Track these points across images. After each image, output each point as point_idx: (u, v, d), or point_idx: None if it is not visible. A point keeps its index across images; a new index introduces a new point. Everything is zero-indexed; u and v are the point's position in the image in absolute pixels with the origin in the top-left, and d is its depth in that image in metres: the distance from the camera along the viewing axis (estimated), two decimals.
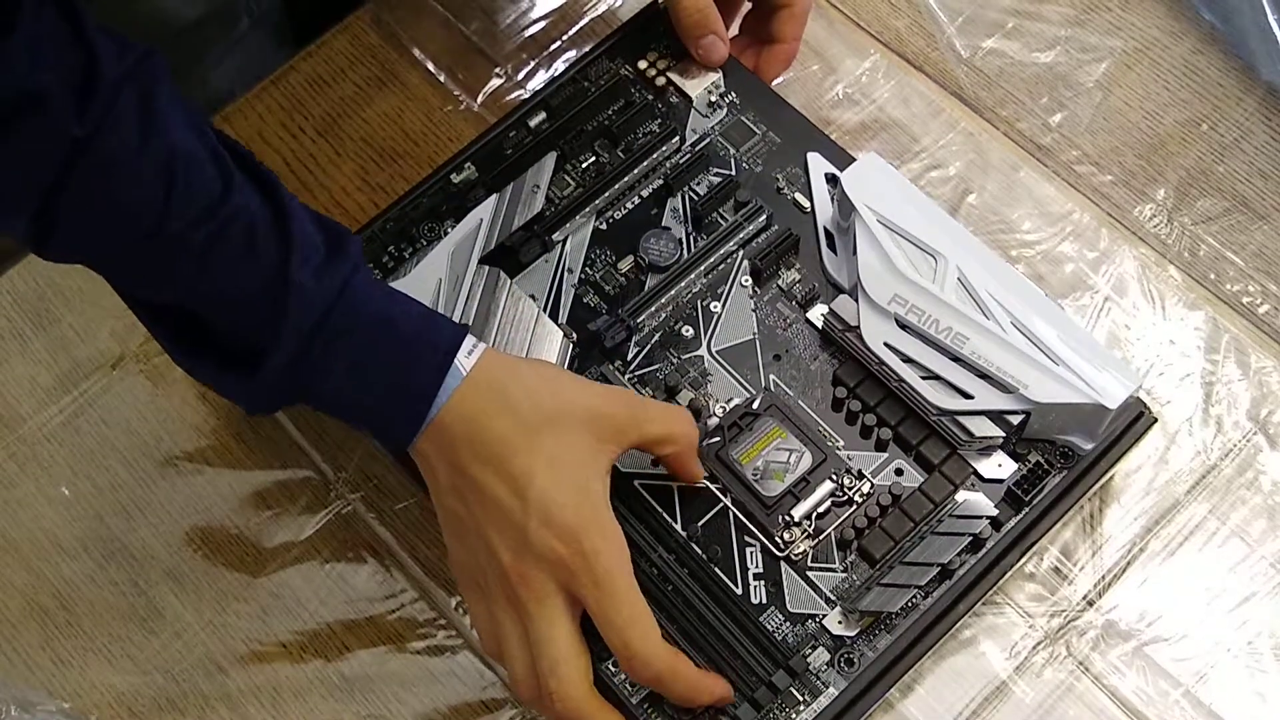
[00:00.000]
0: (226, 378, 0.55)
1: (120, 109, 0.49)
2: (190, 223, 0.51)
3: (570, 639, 0.53)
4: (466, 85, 0.75)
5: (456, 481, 0.54)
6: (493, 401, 0.54)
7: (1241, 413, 0.63)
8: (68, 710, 0.61)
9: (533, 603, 0.53)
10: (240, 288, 0.53)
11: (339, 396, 0.55)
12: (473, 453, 0.54)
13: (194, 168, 0.51)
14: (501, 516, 0.53)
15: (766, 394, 0.61)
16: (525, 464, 0.53)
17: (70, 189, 0.49)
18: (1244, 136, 0.70)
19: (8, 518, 0.66)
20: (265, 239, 0.53)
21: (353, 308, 0.54)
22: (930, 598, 0.57)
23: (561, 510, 0.53)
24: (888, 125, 0.72)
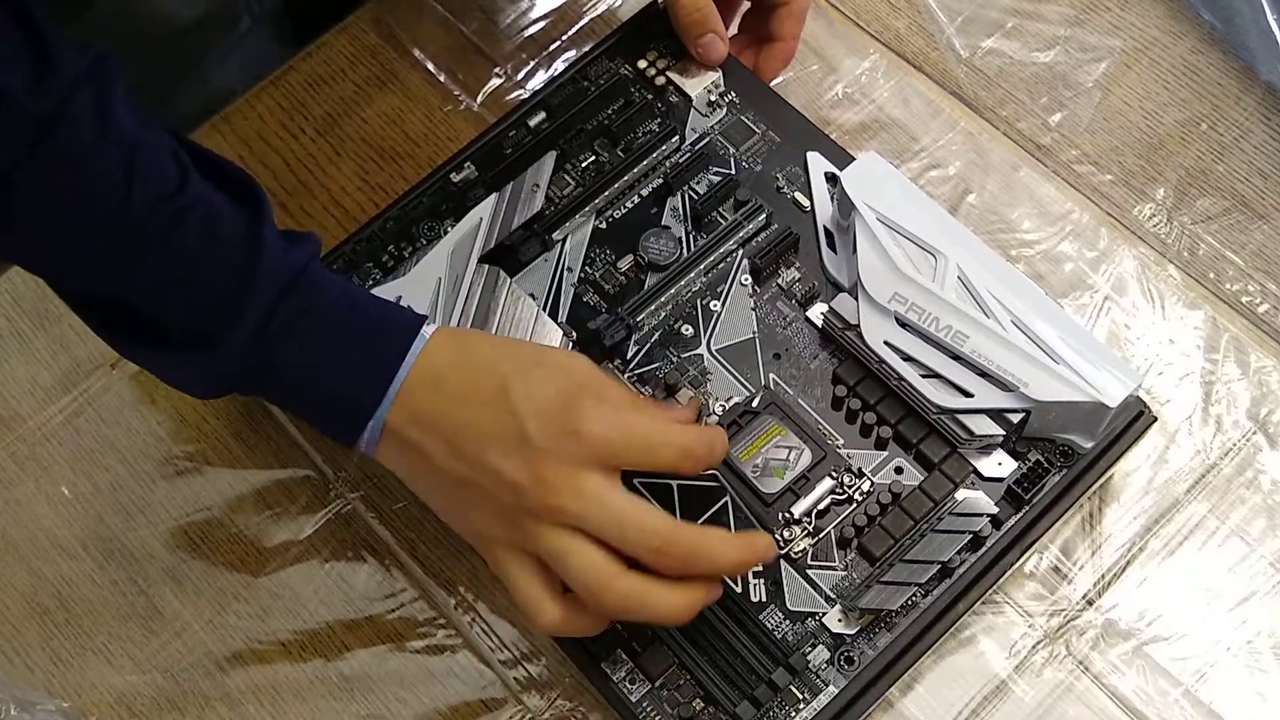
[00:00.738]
0: (179, 360, 0.55)
1: (77, 102, 0.49)
2: (151, 206, 0.51)
3: (630, 498, 0.52)
4: (466, 85, 0.75)
5: (436, 435, 0.53)
6: (458, 354, 0.54)
7: (1241, 412, 0.63)
8: (67, 710, 0.61)
9: (569, 497, 0.51)
10: (205, 267, 0.52)
11: (301, 374, 0.54)
12: (446, 397, 0.53)
13: (153, 157, 0.52)
14: (494, 436, 0.52)
15: (766, 392, 0.61)
16: (497, 379, 0.53)
17: (29, 179, 0.49)
18: (1243, 136, 0.70)
19: (7, 517, 0.66)
20: (230, 220, 0.53)
21: (317, 283, 0.54)
22: (930, 596, 0.57)
23: (546, 398, 0.52)
24: (887, 125, 0.72)
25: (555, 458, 0.51)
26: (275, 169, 0.73)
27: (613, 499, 0.52)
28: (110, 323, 0.55)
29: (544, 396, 0.52)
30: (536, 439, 0.51)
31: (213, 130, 0.74)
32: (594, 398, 0.53)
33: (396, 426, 0.54)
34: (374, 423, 0.54)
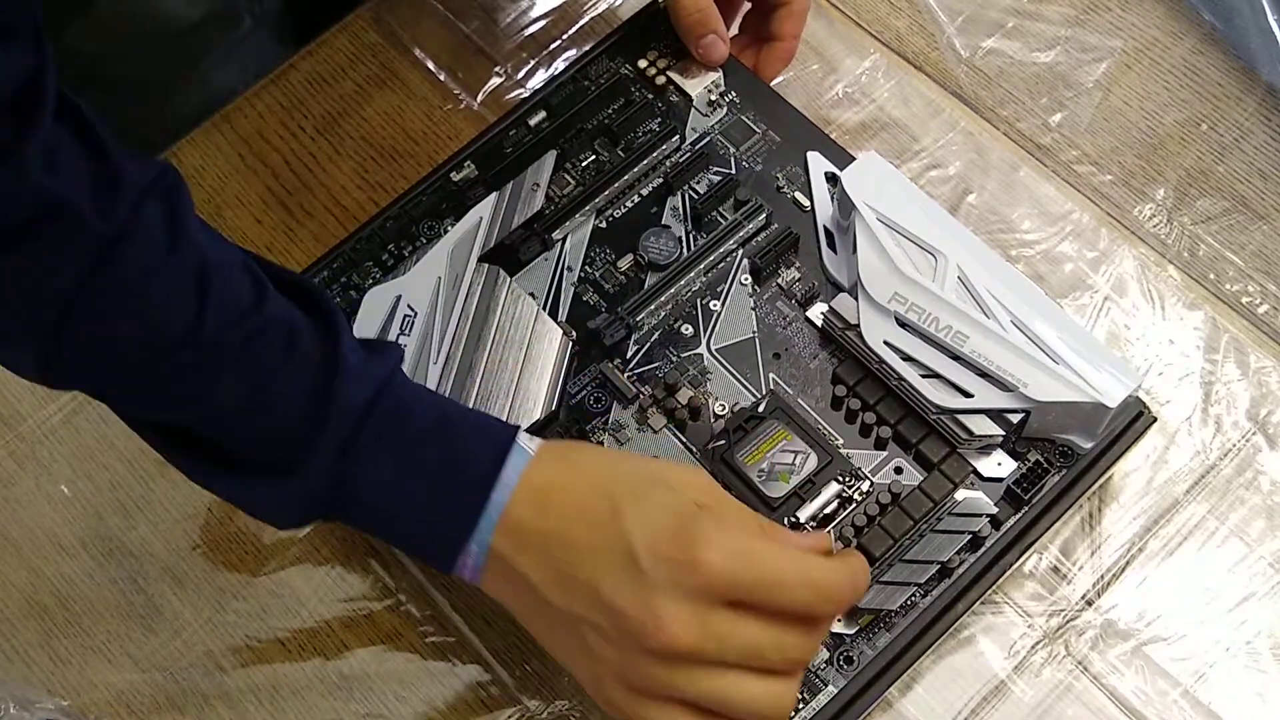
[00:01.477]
0: (256, 488, 0.51)
1: (146, 216, 0.47)
2: (226, 326, 0.48)
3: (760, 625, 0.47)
4: (466, 84, 0.75)
5: (544, 562, 0.49)
6: (563, 468, 0.50)
7: (1241, 412, 0.63)
8: (66, 708, 0.61)
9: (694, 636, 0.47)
10: (282, 386, 0.49)
11: (387, 494, 0.50)
12: (553, 517, 0.49)
13: (229, 274, 0.49)
14: (606, 563, 0.48)
15: (771, 395, 0.61)
16: (608, 501, 0.48)
17: (95, 298, 0.46)
18: (1244, 136, 0.70)
19: (7, 516, 0.66)
20: (307, 337, 0.50)
21: (399, 403, 0.51)
22: (929, 596, 0.57)
23: (661, 523, 0.48)
24: (888, 125, 0.72)
25: (673, 590, 0.47)
26: (275, 167, 0.73)
27: (743, 633, 0.48)
28: (181, 449, 0.52)
29: (659, 520, 0.48)
30: (652, 571, 0.47)
31: (213, 129, 0.74)
32: (714, 521, 0.48)
33: (502, 552, 0.50)
34: (477, 548, 0.50)
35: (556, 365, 0.61)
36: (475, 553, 0.50)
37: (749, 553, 0.48)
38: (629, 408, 0.62)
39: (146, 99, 0.75)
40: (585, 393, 0.62)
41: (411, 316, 0.62)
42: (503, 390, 0.61)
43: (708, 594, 0.47)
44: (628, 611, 0.47)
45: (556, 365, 0.61)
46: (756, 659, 0.48)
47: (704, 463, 0.60)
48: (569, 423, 0.61)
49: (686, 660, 0.47)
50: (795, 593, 0.48)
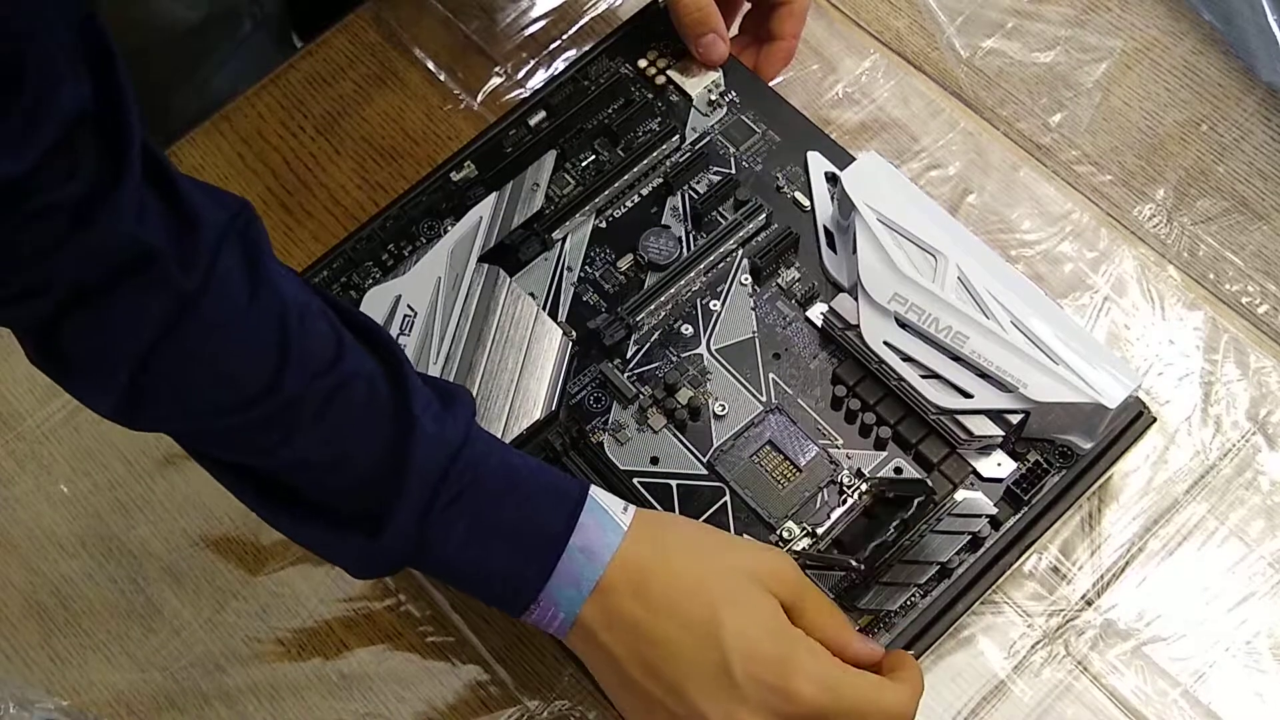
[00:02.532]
0: (339, 541, 0.51)
1: (225, 264, 0.47)
2: (308, 379, 0.48)
3: None
4: (466, 84, 0.75)
5: (633, 645, 0.50)
6: (658, 552, 0.51)
7: (1240, 413, 0.63)
8: (66, 708, 0.61)
9: None
10: (360, 445, 0.49)
11: (463, 552, 0.51)
12: (647, 606, 0.50)
13: (308, 324, 0.49)
14: (697, 667, 0.49)
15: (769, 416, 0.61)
16: (707, 607, 0.50)
17: (175, 349, 0.46)
18: (1243, 137, 0.70)
19: (6, 515, 0.66)
20: (383, 392, 0.50)
21: (476, 456, 0.51)
22: (929, 596, 0.57)
23: (759, 643, 0.49)
24: (887, 125, 0.72)
25: (760, 711, 0.49)
26: (275, 167, 0.73)
27: None
28: (262, 495, 0.52)
29: (757, 639, 0.49)
30: (744, 687, 0.49)
31: (213, 129, 0.74)
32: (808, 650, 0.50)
33: (591, 625, 0.51)
34: (565, 615, 0.51)
35: (556, 365, 0.61)
36: (562, 619, 0.51)
37: (838, 686, 0.50)
38: (629, 408, 0.62)
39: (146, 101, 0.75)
40: (585, 393, 0.62)
41: (411, 316, 0.62)
42: (503, 390, 0.61)
43: (790, 717, 0.49)
44: (711, 717, 0.49)
45: (556, 365, 0.61)
46: None
47: (708, 468, 0.60)
48: (569, 423, 0.61)
49: None
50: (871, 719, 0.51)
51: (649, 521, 0.52)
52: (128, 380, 0.47)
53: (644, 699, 0.51)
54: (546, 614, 0.51)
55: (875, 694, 0.51)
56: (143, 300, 0.45)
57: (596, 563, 0.50)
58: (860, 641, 0.53)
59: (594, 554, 0.50)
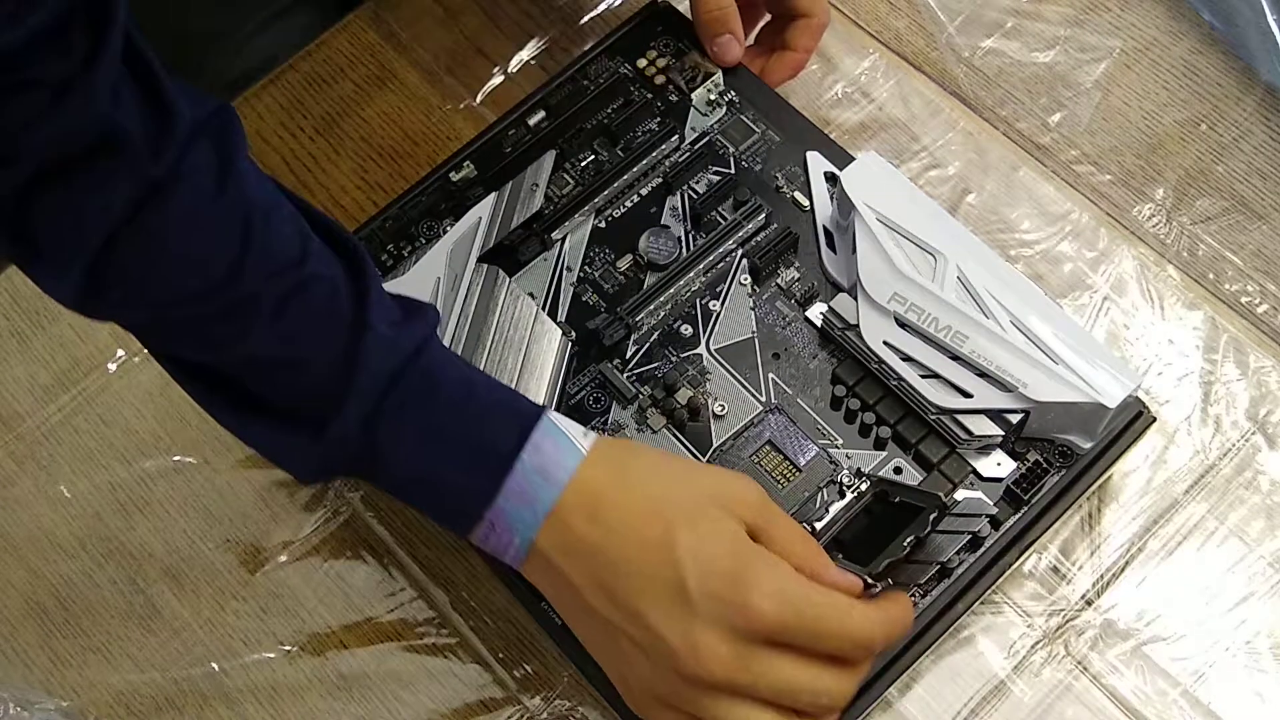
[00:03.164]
0: (285, 440, 0.51)
1: (197, 157, 0.47)
2: (265, 279, 0.48)
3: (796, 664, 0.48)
4: (466, 84, 0.75)
5: (590, 569, 0.49)
6: (617, 476, 0.50)
7: (1240, 412, 0.63)
8: (66, 709, 0.61)
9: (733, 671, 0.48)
10: (312, 346, 0.49)
11: (412, 460, 0.50)
12: (603, 529, 0.49)
13: (274, 223, 0.49)
14: (653, 587, 0.48)
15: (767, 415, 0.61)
16: (663, 527, 0.48)
17: (139, 234, 0.46)
18: (1243, 136, 0.70)
19: (6, 516, 0.66)
20: (343, 297, 0.50)
21: (430, 365, 0.51)
22: (929, 596, 0.57)
23: (715, 559, 0.48)
24: (887, 124, 0.72)
25: (718, 629, 0.47)
26: (274, 168, 0.73)
27: (780, 671, 0.48)
28: (210, 390, 0.52)
29: (713, 556, 0.48)
30: (700, 603, 0.47)
31: None
32: (767, 563, 0.49)
33: (547, 551, 0.50)
34: (520, 541, 0.50)
35: (556, 365, 0.61)
36: (518, 545, 0.50)
37: (798, 601, 0.48)
38: (628, 408, 0.62)
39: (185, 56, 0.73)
40: (584, 393, 0.62)
41: None
42: None
43: (750, 635, 0.48)
44: (668, 638, 0.48)
45: (556, 365, 0.61)
46: (788, 699, 0.49)
47: None
48: None
49: (717, 690, 0.48)
50: (835, 642, 0.49)
51: (609, 446, 0.51)
52: (90, 263, 0.47)
53: (603, 626, 0.50)
54: (502, 539, 0.50)
55: (841, 614, 0.49)
56: (111, 183, 0.45)
57: (553, 484, 0.49)
58: (836, 570, 0.51)
59: (550, 475, 0.49)
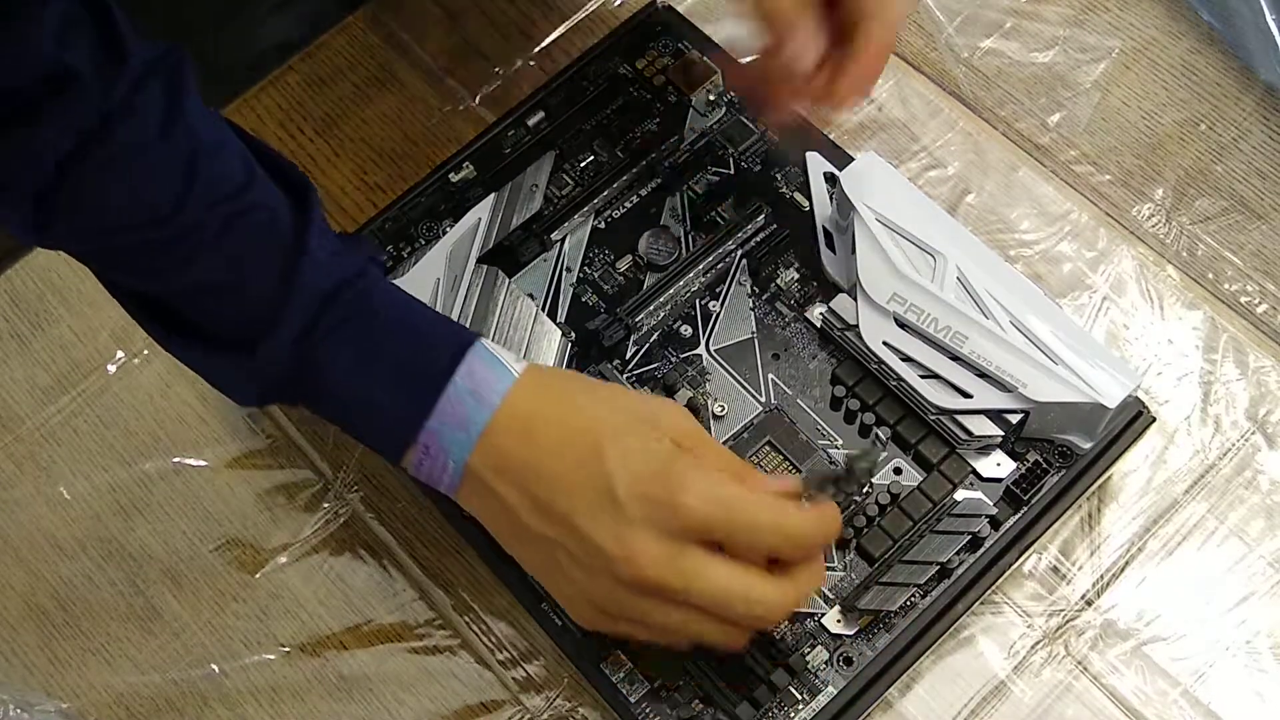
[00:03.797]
0: (221, 360, 0.53)
1: (146, 96, 0.48)
2: (208, 208, 0.50)
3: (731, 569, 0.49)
4: (465, 85, 0.75)
5: (523, 487, 0.50)
6: (548, 397, 0.51)
7: (1240, 412, 0.63)
8: (65, 710, 0.61)
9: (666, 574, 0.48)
10: (254, 270, 0.51)
11: (346, 381, 0.51)
12: (536, 448, 0.50)
13: (220, 158, 0.51)
14: (584, 495, 0.49)
15: (768, 415, 0.61)
16: (593, 439, 0.49)
17: (87, 167, 0.48)
18: (1242, 136, 0.70)
19: (6, 518, 0.66)
20: (284, 225, 0.51)
21: (366, 291, 0.52)
22: (929, 597, 0.57)
23: (644, 464, 0.48)
24: (886, 125, 0.72)
25: (648, 529, 0.48)
26: None
27: (713, 575, 0.49)
28: (154, 316, 0.53)
29: (641, 461, 0.49)
30: (629, 506, 0.48)
31: None
32: (694, 464, 0.49)
33: (480, 473, 0.50)
34: (454, 465, 0.51)
35: (556, 366, 0.61)
36: (452, 469, 0.51)
37: (726, 498, 0.49)
38: None
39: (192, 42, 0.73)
40: None
41: None
42: None
43: (682, 534, 0.48)
44: (601, 544, 0.48)
45: (556, 366, 0.61)
46: (722, 606, 0.49)
47: None
48: None
49: (653, 593, 0.49)
50: (768, 538, 0.49)
51: (541, 371, 0.52)
52: (41, 194, 0.48)
53: (540, 543, 0.51)
54: (436, 461, 0.51)
55: (773, 510, 0.49)
56: (62, 115, 0.47)
57: (485, 406, 0.50)
58: (768, 478, 0.52)
59: (482, 397, 0.50)
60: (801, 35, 0.56)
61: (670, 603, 0.49)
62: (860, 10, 0.57)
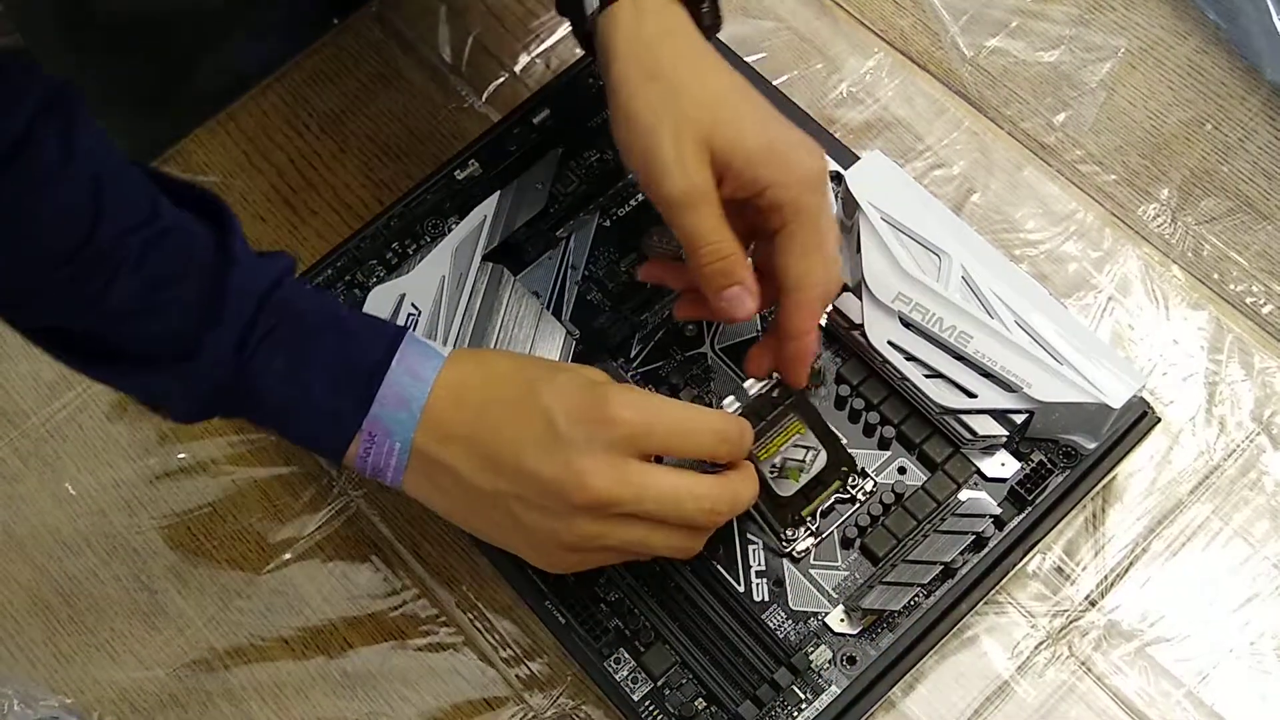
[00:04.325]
0: (158, 380, 0.52)
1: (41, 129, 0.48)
2: (121, 234, 0.50)
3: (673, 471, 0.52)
4: (471, 82, 0.75)
5: (468, 448, 0.52)
6: (478, 365, 0.53)
7: (1245, 413, 0.63)
8: (70, 705, 0.61)
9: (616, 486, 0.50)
10: (180, 286, 0.51)
11: (283, 385, 0.52)
12: (471, 408, 0.52)
13: (122, 183, 0.50)
14: (526, 436, 0.51)
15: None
16: (525, 385, 0.52)
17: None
18: (1248, 136, 0.70)
19: (11, 513, 0.66)
20: (203, 243, 0.51)
21: (294, 293, 0.53)
22: (933, 596, 0.57)
23: (575, 394, 0.51)
24: (892, 124, 0.72)
25: (591, 449, 0.50)
26: (280, 165, 0.73)
27: (660, 479, 0.51)
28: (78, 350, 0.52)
29: (572, 391, 0.51)
30: (568, 432, 0.50)
31: (218, 127, 0.74)
32: (621, 386, 0.52)
33: (425, 448, 0.52)
34: (400, 446, 0.52)
35: (560, 360, 0.61)
36: (399, 450, 0.52)
37: (656, 407, 0.52)
38: None
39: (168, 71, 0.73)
40: None
41: (415, 315, 0.62)
42: None
43: (623, 447, 0.51)
44: (551, 475, 0.50)
45: (560, 360, 0.61)
46: (674, 509, 0.52)
47: None
48: None
49: (609, 512, 0.51)
50: (702, 438, 0.53)
51: (468, 349, 0.55)
52: None
53: (495, 502, 0.52)
54: (383, 446, 0.52)
55: (696, 413, 0.54)
56: None
57: (422, 381, 0.52)
58: None
59: (418, 374, 0.52)
60: (735, 289, 0.55)
61: (626, 518, 0.51)
62: (785, 270, 0.55)
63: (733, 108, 0.55)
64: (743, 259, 0.55)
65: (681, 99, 0.54)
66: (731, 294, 0.55)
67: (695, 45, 0.56)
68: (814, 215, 0.55)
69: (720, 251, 0.54)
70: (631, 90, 0.55)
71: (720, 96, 0.55)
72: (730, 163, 0.54)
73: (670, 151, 0.54)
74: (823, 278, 0.55)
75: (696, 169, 0.54)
